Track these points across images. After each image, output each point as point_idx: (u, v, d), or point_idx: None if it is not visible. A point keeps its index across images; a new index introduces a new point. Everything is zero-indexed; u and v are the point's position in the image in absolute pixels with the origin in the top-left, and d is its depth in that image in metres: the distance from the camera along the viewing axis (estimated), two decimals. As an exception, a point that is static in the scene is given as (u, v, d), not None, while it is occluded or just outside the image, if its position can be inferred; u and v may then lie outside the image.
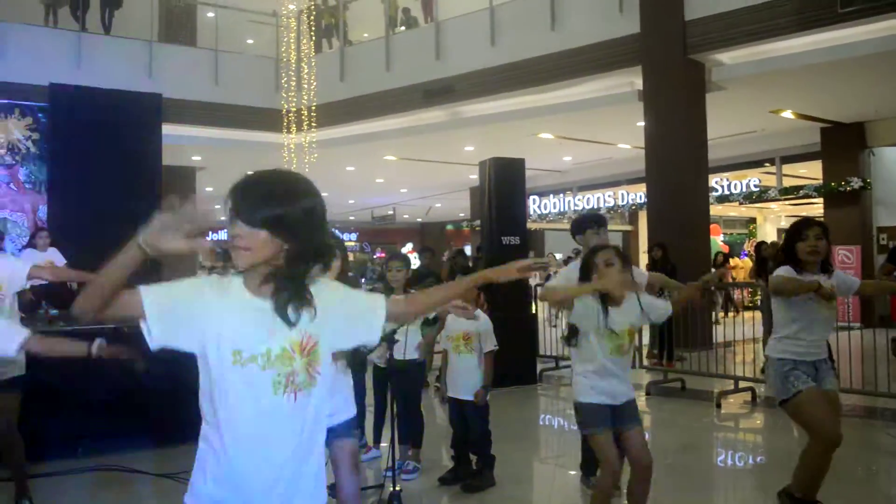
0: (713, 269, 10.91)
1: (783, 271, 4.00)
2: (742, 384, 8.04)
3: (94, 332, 3.81)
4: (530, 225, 23.41)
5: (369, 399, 5.79)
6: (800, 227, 4.03)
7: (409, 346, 5.01)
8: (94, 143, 9.07)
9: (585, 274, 3.69)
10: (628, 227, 22.98)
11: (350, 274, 5.41)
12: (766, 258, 10.28)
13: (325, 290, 1.86)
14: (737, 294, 17.15)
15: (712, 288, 10.13)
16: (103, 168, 9.00)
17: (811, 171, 16.44)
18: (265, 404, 1.75)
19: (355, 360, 3.76)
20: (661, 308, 3.81)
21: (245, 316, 1.76)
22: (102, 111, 9.29)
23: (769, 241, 15.04)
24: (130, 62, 14.14)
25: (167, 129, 10.54)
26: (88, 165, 8.98)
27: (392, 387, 4.86)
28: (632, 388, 3.81)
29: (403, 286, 5.11)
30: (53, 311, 7.50)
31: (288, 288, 1.77)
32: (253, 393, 1.74)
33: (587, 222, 4.69)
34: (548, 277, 16.82)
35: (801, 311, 3.95)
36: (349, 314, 1.91)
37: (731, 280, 16.09)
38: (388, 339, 4.13)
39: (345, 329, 1.90)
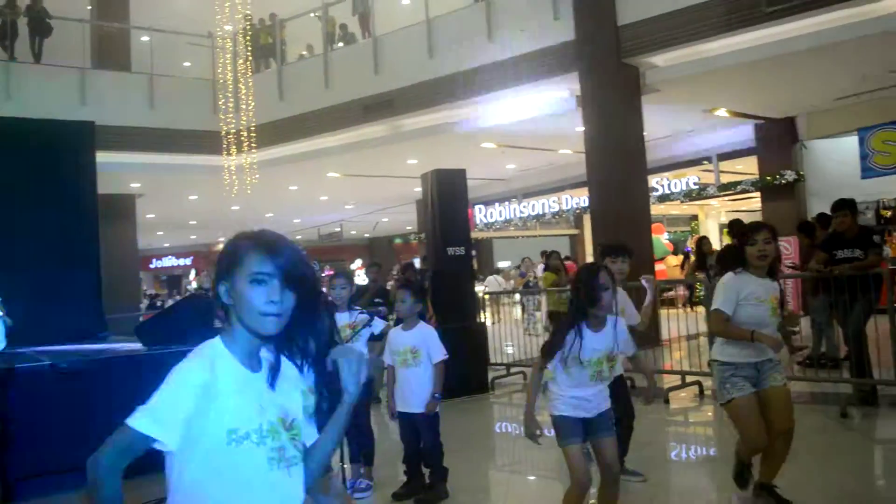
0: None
1: (727, 282, 4.10)
2: (689, 378, 8.17)
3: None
4: (477, 234, 23.54)
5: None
6: (749, 231, 4.12)
7: (354, 364, 4.97)
8: (25, 174, 8.79)
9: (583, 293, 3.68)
10: (574, 231, 23.26)
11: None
12: (705, 253, 10.51)
13: (290, 368, 1.81)
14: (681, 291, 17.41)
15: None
16: (35, 200, 8.74)
17: (748, 167, 16.85)
18: (257, 483, 1.68)
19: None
20: (629, 345, 3.87)
21: (240, 392, 1.69)
22: (32, 142, 9.01)
23: (711, 236, 15.38)
24: (63, 90, 13.87)
25: (103, 157, 10.32)
26: (18, 198, 8.70)
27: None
28: (607, 399, 3.85)
29: (347, 303, 5.11)
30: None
31: (296, 356, 1.76)
32: (248, 471, 1.67)
33: (608, 250, 5.03)
34: (526, 284, 16.93)
35: (749, 318, 4.05)
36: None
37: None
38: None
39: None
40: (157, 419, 1.60)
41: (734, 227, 9.36)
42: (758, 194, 16.26)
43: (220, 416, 1.64)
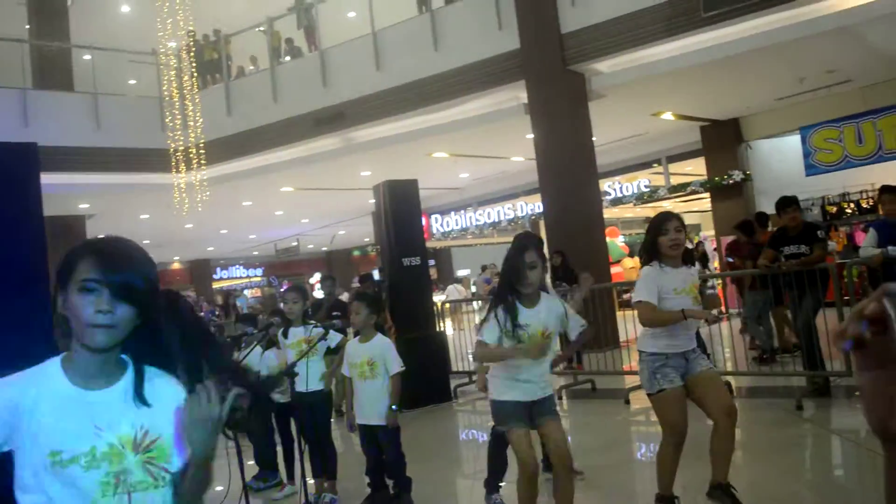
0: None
1: (646, 274, 4.13)
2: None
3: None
4: (435, 244, 23.61)
5: (278, 436, 5.69)
6: (659, 222, 4.15)
7: (311, 378, 4.97)
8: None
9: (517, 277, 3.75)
10: (530, 237, 23.35)
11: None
12: None
13: (166, 385, 1.69)
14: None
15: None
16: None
17: (696, 168, 17.16)
18: None
19: (258, 402, 3.68)
20: (579, 323, 3.93)
21: (66, 412, 1.56)
22: (-27, 166, 8.83)
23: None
24: (3, 111, 13.54)
25: (49, 179, 10.02)
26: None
27: (299, 420, 4.79)
28: (549, 386, 3.90)
29: (301, 317, 5.10)
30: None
31: (145, 371, 1.64)
32: (79, 496, 1.55)
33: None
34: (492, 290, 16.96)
35: (674, 306, 4.08)
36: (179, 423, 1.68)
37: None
38: (289, 373, 4.08)
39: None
40: None
41: (742, 228, 9.68)
42: (708, 195, 16.57)
43: (39, 437, 1.53)
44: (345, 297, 12.31)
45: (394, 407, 4.80)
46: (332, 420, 5.63)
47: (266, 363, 5.39)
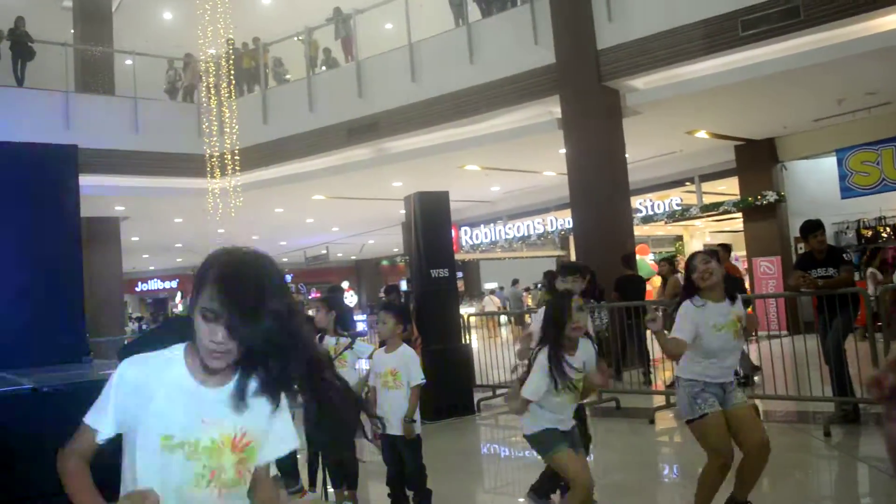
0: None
1: (683, 311, 4.19)
2: (673, 399, 8.19)
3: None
4: (464, 256, 23.62)
5: (301, 442, 5.72)
6: (689, 261, 4.27)
7: (337, 387, 4.99)
8: (7, 198, 8.80)
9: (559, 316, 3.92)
10: (560, 253, 23.29)
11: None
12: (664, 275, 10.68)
13: (265, 392, 1.77)
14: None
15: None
16: (17, 223, 8.73)
17: (729, 188, 17.00)
18: (186, 495, 1.68)
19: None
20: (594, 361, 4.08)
21: (181, 401, 1.69)
22: (14, 165, 9.02)
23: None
24: (46, 114, 13.83)
25: (87, 181, 10.32)
26: (2, 220, 8.70)
27: (323, 429, 4.79)
28: (572, 420, 4.09)
29: (332, 327, 5.18)
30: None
31: (256, 380, 1.71)
32: (175, 481, 1.67)
33: (561, 270, 5.33)
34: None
35: (713, 346, 4.12)
36: (276, 428, 1.82)
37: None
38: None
39: (269, 439, 1.81)
40: (97, 409, 1.70)
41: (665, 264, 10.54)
42: (740, 215, 16.41)
43: (154, 420, 1.65)
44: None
45: (408, 420, 4.78)
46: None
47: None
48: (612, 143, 11.65)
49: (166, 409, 1.66)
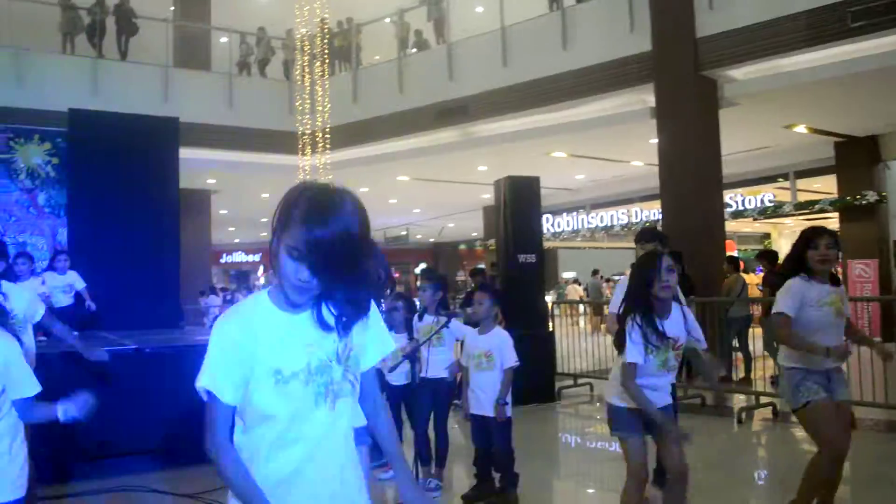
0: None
1: (790, 285, 3.97)
2: (763, 399, 7.98)
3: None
4: (544, 244, 23.45)
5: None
6: (811, 236, 3.99)
7: (433, 365, 5.07)
8: (113, 167, 9.19)
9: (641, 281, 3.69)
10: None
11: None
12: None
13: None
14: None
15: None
16: (121, 191, 9.11)
17: (826, 186, 16.40)
18: (302, 416, 1.73)
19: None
20: (699, 334, 3.81)
21: (280, 335, 1.73)
22: (120, 135, 9.40)
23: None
24: (146, 87, 14.31)
25: (183, 153, 10.63)
26: (107, 189, 9.08)
27: (417, 405, 4.87)
28: (669, 396, 3.83)
29: (435, 306, 5.26)
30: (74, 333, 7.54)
31: (343, 300, 1.75)
32: (294, 407, 1.72)
33: (642, 235, 5.11)
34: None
35: (813, 322, 3.93)
36: (371, 333, 1.89)
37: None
38: (411, 357, 4.14)
39: (368, 345, 1.88)
40: (209, 375, 1.71)
41: (766, 257, 10.39)
42: (836, 214, 15.80)
43: (263, 362, 1.70)
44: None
45: (501, 401, 4.77)
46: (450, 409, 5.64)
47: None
48: (706, 134, 11.36)
49: (271, 348, 1.71)
